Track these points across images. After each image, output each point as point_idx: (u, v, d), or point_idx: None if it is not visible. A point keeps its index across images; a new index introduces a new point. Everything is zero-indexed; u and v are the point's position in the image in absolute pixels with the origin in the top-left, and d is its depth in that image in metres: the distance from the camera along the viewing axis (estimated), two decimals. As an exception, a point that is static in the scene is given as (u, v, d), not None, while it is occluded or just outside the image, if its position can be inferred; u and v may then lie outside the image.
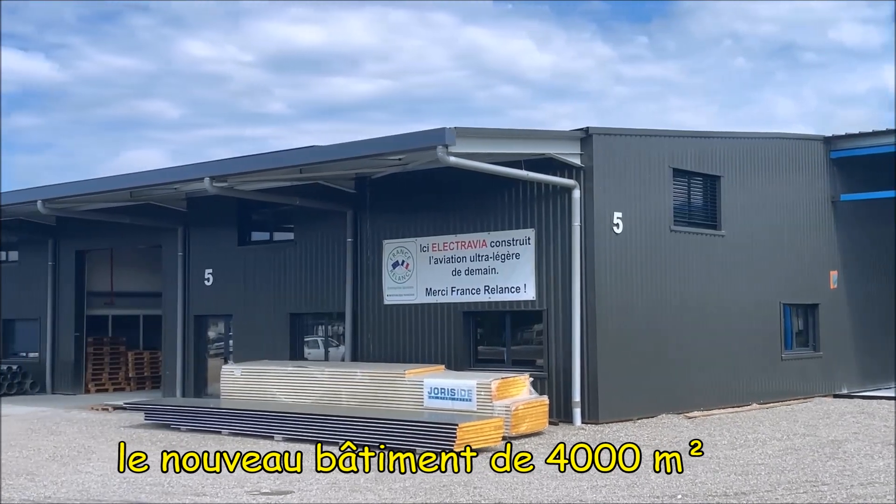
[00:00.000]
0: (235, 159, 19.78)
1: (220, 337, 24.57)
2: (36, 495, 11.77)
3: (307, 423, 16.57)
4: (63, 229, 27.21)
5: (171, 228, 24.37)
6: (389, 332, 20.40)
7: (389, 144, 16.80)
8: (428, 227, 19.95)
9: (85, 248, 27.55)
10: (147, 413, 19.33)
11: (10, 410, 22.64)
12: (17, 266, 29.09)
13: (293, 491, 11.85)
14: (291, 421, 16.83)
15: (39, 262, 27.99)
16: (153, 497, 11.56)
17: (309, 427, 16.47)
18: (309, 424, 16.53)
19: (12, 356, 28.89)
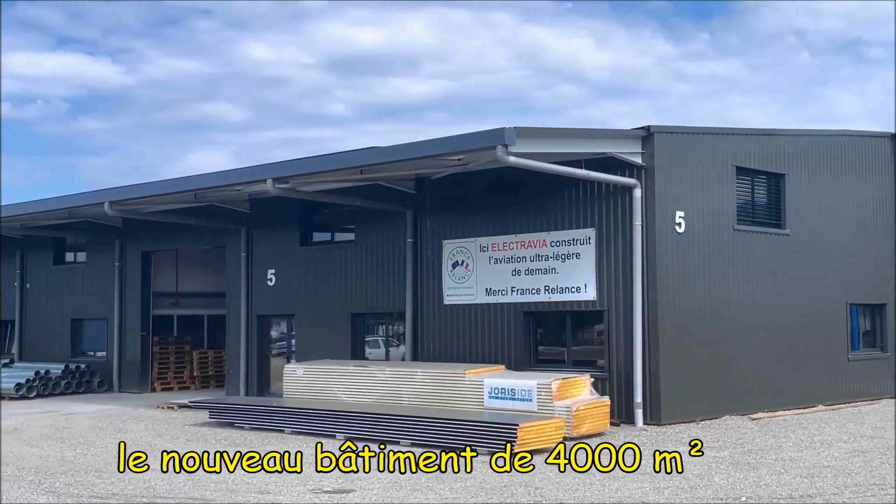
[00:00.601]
0: (297, 161, 19.98)
1: (283, 336, 24.83)
2: (103, 492, 12.01)
3: (368, 423, 16.67)
4: (129, 231, 27.71)
5: (235, 229, 24.69)
6: (449, 331, 20.44)
7: (449, 145, 16.83)
8: (488, 227, 19.94)
9: (151, 249, 28.02)
10: (211, 412, 19.61)
11: (78, 408, 23.14)
12: (85, 267, 29.69)
13: (355, 490, 11.94)
14: (353, 420, 16.95)
15: (107, 263, 28.53)
16: (217, 495, 11.73)
17: (370, 426, 16.57)
18: (370, 424, 16.63)
19: (81, 355, 29.49)
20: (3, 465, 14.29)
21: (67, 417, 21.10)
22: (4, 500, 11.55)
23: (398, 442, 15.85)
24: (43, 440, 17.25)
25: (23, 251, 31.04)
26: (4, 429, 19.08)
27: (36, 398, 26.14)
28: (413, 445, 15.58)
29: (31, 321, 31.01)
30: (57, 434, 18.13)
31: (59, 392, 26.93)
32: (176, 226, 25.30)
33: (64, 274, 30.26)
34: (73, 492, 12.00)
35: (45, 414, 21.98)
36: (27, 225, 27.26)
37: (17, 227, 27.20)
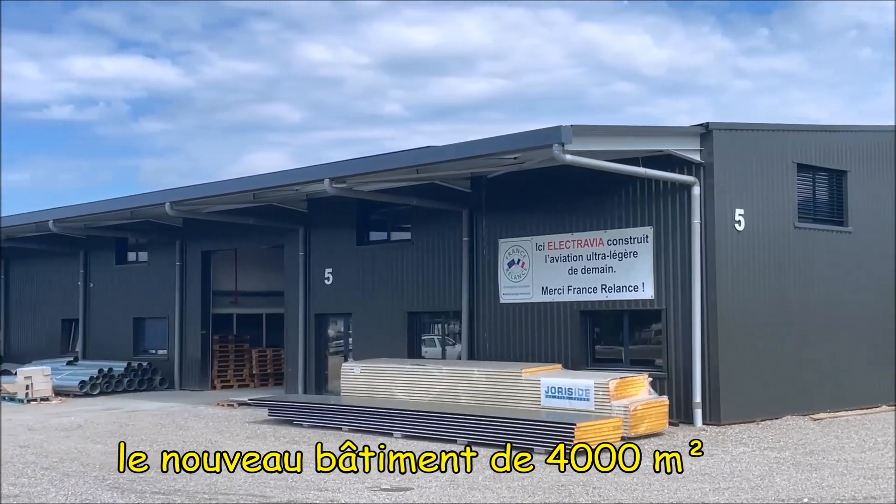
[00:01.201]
0: (354, 160, 20.11)
1: (340, 335, 25.00)
2: (166, 488, 12.20)
3: (425, 421, 16.73)
4: (190, 231, 28.10)
5: (293, 229, 24.92)
6: (505, 330, 20.42)
7: (505, 144, 16.82)
8: (544, 225, 19.89)
9: (210, 249, 28.39)
10: (270, 409, 19.82)
11: (140, 406, 23.53)
12: (146, 266, 30.18)
13: (413, 488, 11.99)
14: (410, 418, 17.02)
15: (168, 262, 28.97)
16: (277, 491, 11.86)
17: (427, 425, 16.63)
18: (427, 422, 16.69)
19: (143, 353, 29.98)
20: (69, 460, 14.59)
21: (130, 415, 21.48)
22: (4, 500, 11.79)
23: (455, 441, 15.88)
24: (106, 437, 17.58)
25: (86, 251, 31.64)
26: (69, 425, 19.48)
27: (99, 395, 26.63)
28: (470, 444, 15.60)
29: (95, 320, 31.60)
30: (120, 431, 18.46)
31: (122, 390, 27.41)
32: (235, 225, 25.62)
33: (126, 273, 30.79)
34: (136, 488, 12.21)
35: (109, 411, 22.39)
36: (90, 225, 27.78)
37: (80, 227, 27.74)
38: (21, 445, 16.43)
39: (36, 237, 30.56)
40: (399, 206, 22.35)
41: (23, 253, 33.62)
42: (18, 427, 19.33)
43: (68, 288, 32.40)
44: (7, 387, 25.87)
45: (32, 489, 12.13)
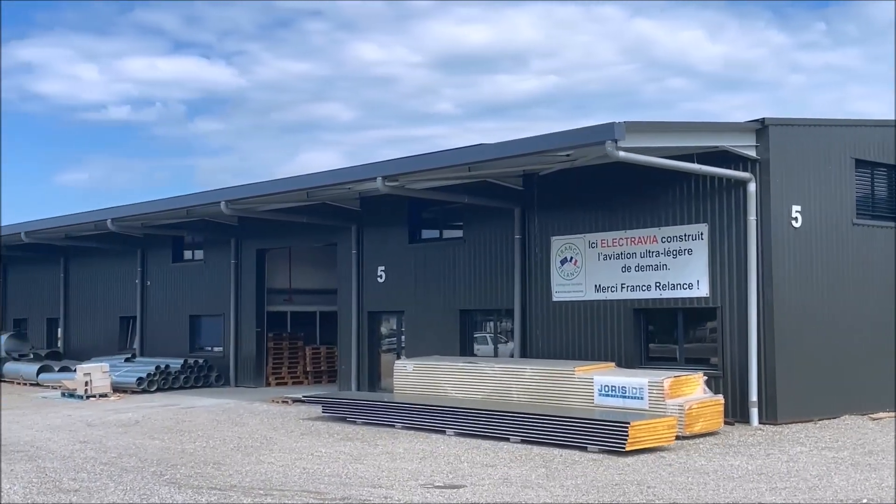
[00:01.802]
0: (406, 159, 20.17)
1: (393, 332, 25.11)
2: (222, 483, 12.35)
3: (479, 419, 16.73)
4: (244, 229, 28.39)
5: (346, 227, 25.06)
6: (558, 328, 20.35)
7: (558, 141, 16.76)
8: (597, 223, 19.78)
9: (265, 247, 28.65)
10: (324, 406, 19.97)
11: (196, 402, 23.83)
12: (202, 265, 30.56)
13: (465, 485, 12.00)
14: (463, 416, 17.03)
15: (223, 260, 29.30)
16: (332, 488, 11.94)
17: (480, 422, 16.63)
18: (480, 420, 16.69)
19: (198, 350, 30.35)
20: (128, 456, 14.83)
21: (186, 411, 21.77)
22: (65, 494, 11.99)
23: (508, 438, 15.86)
24: (164, 433, 17.83)
25: (143, 250, 32.12)
26: (127, 421, 19.80)
27: (156, 392, 27.03)
28: (523, 442, 15.58)
29: (152, 317, 32.07)
30: (177, 427, 18.72)
31: (179, 386, 27.78)
32: (289, 224, 25.85)
33: (182, 271, 31.21)
34: (193, 483, 12.37)
35: (165, 407, 22.72)
36: (147, 224, 28.20)
37: (138, 226, 28.17)
38: (81, 441, 16.73)
39: (95, 236, 31.09)
40: (451, 204, 22.36)
41: (82, 252, 34.24)
42: (78, 423, 19.69)
43: (126, 286, 32.93)
44: (67, 383, 26.38)
45: (92, 484, 12.35)
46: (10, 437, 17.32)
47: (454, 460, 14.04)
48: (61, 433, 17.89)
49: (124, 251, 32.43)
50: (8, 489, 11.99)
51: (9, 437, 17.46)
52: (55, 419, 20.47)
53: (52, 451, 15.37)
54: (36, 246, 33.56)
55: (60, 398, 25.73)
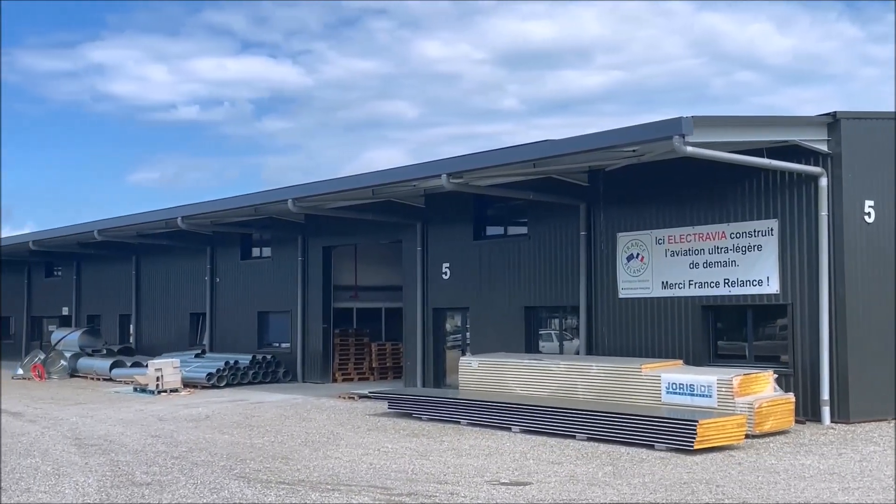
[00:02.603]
0: (471, 156, 20.18)
1: (457, 329, 25.15)
2: (290, 478, 12.50)
3: (544, 416, 16.68)
4: (311, 226, 28.66)
5: (411, 224, 25.17)
6: (624, 325, 20.19)
7: (624, 136, 16.61)
8: (664, 219, 19.58)
9: (331, 245, 28.89)
10: (390, 402, 20.08)
11: (264, 397, 24.14)
12: (270, 262, 30.93)
13: (531, 482, 11.98)
14: (528, 413, 16.99)
15: (290, 258, 29.62)
16: (398, 483, 12.01)
17: (545, 420, 16.58)
18: (545, 417, 16.64)
19: (267, 346, 30.74)
20: (198, 450, 15.08)
21: (255, 406, 22.06)
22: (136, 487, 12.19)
23: (574, 436, 15.79)
24: (233, 428, 18.09)
25: (213, 247, 32.62)
26: (197, 416, 20.13)
27: (226, 387, 27.43)
28: (589, 440, 15.50)
29: (221, 314, 32.56)
30: (246, 422, 18.98)
31: (247, 382, 28.15)
32: (355, 221, 26.04)
33: (251, 268, 31.62)
34: (261, 477, 12.53)
35: (235, 402, 23.05)
36: (217, 222, 28.61)
37: (207, 224, 28.61)
38: (152, 435, 17.06)
39: (165, 234, 31.66)
40: (516, 200, 22.33)
41: (153, 249, 34.89)
42: (150, 417, 20.07)
43: (196, 283, 33.49)
44: (139, 378, 26.91)
45: (163, 478, 12.58)
46: (84, 431, 17.74)
47: (520, 457, 14.02)
48: (134, 427, 18.26)
49: (194, 249, 32.97)
50: (83, 482, 12.28)
51: (83, 430, 17.88)
52: (128, 414, 20.90)
53: (125, 445, 15.69)
54: (109, 244, 34.30)
55: (133, 393, 26.27)
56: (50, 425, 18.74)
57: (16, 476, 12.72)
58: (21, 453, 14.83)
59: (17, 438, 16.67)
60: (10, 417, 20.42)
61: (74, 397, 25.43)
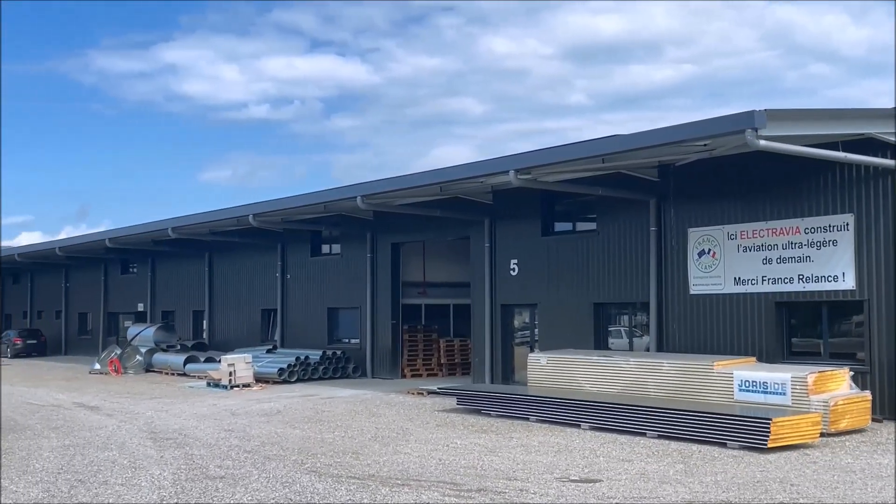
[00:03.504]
0: (538, 151, 20.11)
1: (525, 325, 25.09)
2: (360, 473, 12.60)
3: (614, 413, 16.57)
4: (380, 223, 28.84)
5: (478, 220, 25.18)
6: (695, 322, 19.95)
7: (695, 130, 16.41)
8: (736, 214, 19.30)
9: (399, 241, 29.05)
10: (459, 398, 20.12)
11: (334, 393, 24.36)
12: (339, 258, 31.20)
13: (602, 480, 11.91)
14: (598, 410, 16.90)
15: (359, 254, 29.85)
16: (467, 479, 12.03)
17: (615, 417, 16.47)
18: (616, 414, 16.52)
19: (336, 342, 31.03)
20: (270, 444, 15.28)
21: (325, 401, 22.28)
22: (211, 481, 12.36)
23: (644, 434, 15.66)
24: (304, 422, 18.30)
25: (283, 244, 33.02)
26: (269, 411, 20.40)
27: (296, 382, 27.75)
28: (660, 437, 15.36)
29: (292, 310, 32.95)
30: (316, 417, 19.18)
31: (318, 377, 28.45)
32: (423, 218, 26.15)
33: (320, 265, 31.94)
34: (332, 472, 12.66)
35: (305, 397, 23.30)
36: (287, 219, 28.96)
37: (277, 221, 28.97)
38: (225, 429, 17.33)
39: (237, 231, 32.14)
40: (584, 196, 22.19)
41: (225, 246, 35.44)
42: (223, 412, 20.40)
43: (267, 279, 33.94)
44: (212, 373, 27.36)
45: (237, 471, 12.78)
46: (160, 425, 18.10)
47: (590, 454, 13.95)
48: (207, 422, 18.58)
49: (265, 246, 33.42)
50: (158, 475, 12.54)
51: (159, 424, 18.24)
52: (201, 408, 21.27)
53: (199, 439, 15.98)
54: (182, 241, 34.93)
55: (206, 388, 26.72)
56: (126, 419, 19.16)
57: (94, 469, 13.04)
58: (99, 446, 15.20)
59: (94, 432, 17.09)
60: (87, 411, 20.93)
61: (150, 392, 25.96)
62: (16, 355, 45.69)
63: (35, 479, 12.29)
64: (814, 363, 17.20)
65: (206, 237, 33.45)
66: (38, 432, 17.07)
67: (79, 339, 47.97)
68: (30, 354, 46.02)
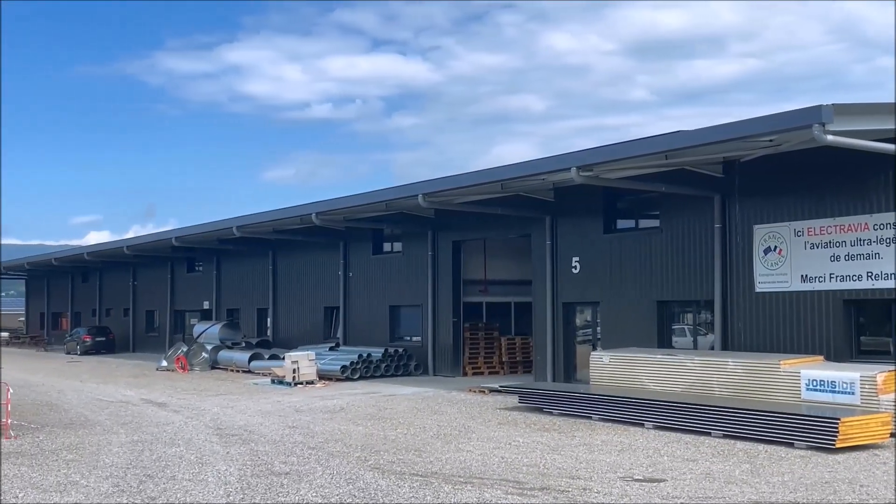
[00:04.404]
0: (600, 148, 19.99)
1: (587, 324, 24.95)
2: (423, 470, 12.65)
3: (679, 412, 16.41)
4: (441, 221, 28.90)
5: (540, 218, 25.09)
6: (761, 320, 19.65)
7: (761, 126, 16.18)
8: (802, 210, 18.97)
9: (460, 239, 29.07)
10: (521, 396, 20.09)
11: (396, 390, 24.48)
12: (400, 256, 31.33)
13: (666, 479, 11.80)
14: (662, 409, 16.75)
15: (420, 252, 29.95)
16: (530, 477, 12.02)
17: (680, 416, 16.32)
18: (680, 413, 16.37)
19: (398, 340, 31.16)
20: (333, 441, 15.41)
21: (388, 399, 22.40)
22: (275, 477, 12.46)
23: (709, 433, 15.49)
24: (367, 419, 18.42)
25: (345, 242, 33.26)
26: (332, 408, 20.57)
27: (359, 380, 27.93)
28: (725, 437, 15.17)
29: (353, 307, 33.18)
30: (379, 414, 19.30)
31: (380, 374, 28.60)
32: (483, 216, 26.14)
33: (382, 263, 32.11)
34: (395, 469, 12.73)
35: (368, 395, 23.45)
36: (349, 217, 29.18)
37: (340, 219, 29.19)
38: (290, 426, 17.52)
39: (300, 230, 32.47)
40: (647, 193, 21.99)
41: (289, 245, 35.83)
42: (287, 408, 20.62)
43: (329, 277, 34.22)
44: (276, 370, 27.67)
45: (301, 467, 12.92)
46: (225, 421, 18.35)
47: (654, 454, 13.84)
48: (272, 418, 18.80)
49: (327, 244, 33.69)
50: (224, 470, 12.72)
51: (224, 420, 18.50)
52: (266, 405, 21.52)
53: (263, 436, 16.17)
54: (247, 240, 35.40)
55: (270, 385, 27.02)
56: (193, 415, 19.47)
57: (162, 464, 13.28)
58: (166, 442, 15.47)
59: (162, 428, 17.40)
60: (155, 408, 21.31)
61: (215, 388, 26.34)
62: (85, 352, 46.71)
63: (105, 473, 12.56)
64: (883, 362, 16.82)
65: (269, 236, 33.83)
66: (108, 428, 17.43)
67: (146, 336, 48.87)
68: (99, 351, 47.00)
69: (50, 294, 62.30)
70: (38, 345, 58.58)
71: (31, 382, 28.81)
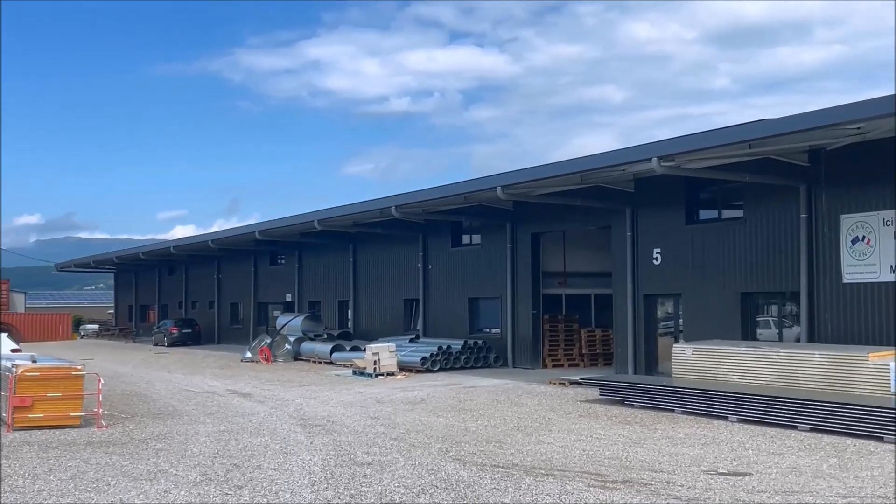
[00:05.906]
0: (682, 138, 19.76)
1: (669, 316, 24.68)
2: (504, 462, 12.68)
3: (764, 405, 16.15)
4: (519, 213, 28.86)
5: (619, 209, 24.89)
6: (849, 312, 19.22)
7: (848, 113, 15.85)
8: (892, 199, 18.47)
9: (539, 231, 28.99)
10: (602, 389, 19.97)
11: (476, 382, 24.53)
12: (479, 249, 31.38)
13: (751, 473, 11.64)
14: (747, 402, 16.50)
15: (499, 245, 29.95)
16: (612, 470, 11.95)
17: (765, 409, 16.05)
18: (765, 406, 16.10)
19: (477, 332, 31.23)
20: (415, 432, 15.53)
21: (468, 390, 22.47)
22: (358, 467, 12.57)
23: (795, 426, 15.21)
24: (447, 411, 18.51)
25: (424, 235, 33.43)
26: (413, 399, 20.71)
27: (439, 371, 28.07)
28: (811, 430, 14.89)
29: (433, 300, 33.35)
30: (459, 405, 19.38)
31: (459, 366, 28.72)
32: (562, 207, 26.03)
33: (461, 256, 32.19)
34: (476, 460, 12.78)
35: (448, 386, 23.56)
36: (428, 210, 29.31)
37: (419, 212, 29.35)
38: (371, 417, 17.71)
39: (380, 223, 32.75)
40: (730, 183, 21.65)
41: (369, 238, 36.15)
42: (368, 400, 20.83)
43: (409, 270, 34.44)
44: (357, 362, 27.96)
45: (383, 458, 13.05)
46: (308, 412, 18.62)
47: (738, 447, 13.65)
48: (354, 409, 19.01)
49: (407, 237, 33.91)
50: (308, 460, 12.92)
51: (308, 411, 18.78)
52: (348, 396, 21.77)
53: (346, 426, 16.38)
54: (328, 233, 35.85)
55: (352, 376, 27.32)
56: (277, 406, 19.80)
57: (248, 453, 13.54)
58: (252, 432, 15.76)
59: (247, 418, 17.73)
60: (240, 398, 21.72)
61: (298, 379, 26.73)
62: (172, 344, 47.85)
63: (193, 462, 12.86)
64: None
65: (350, 229, 34.19)
66: (195, 418, 17.83)
67: (230, 328, 49.81)
68: (185, 343, 48.10)
69: (138, 287, 63.92)
70: (127, 337, 60.20)
71: (121, 373, 29.63)
